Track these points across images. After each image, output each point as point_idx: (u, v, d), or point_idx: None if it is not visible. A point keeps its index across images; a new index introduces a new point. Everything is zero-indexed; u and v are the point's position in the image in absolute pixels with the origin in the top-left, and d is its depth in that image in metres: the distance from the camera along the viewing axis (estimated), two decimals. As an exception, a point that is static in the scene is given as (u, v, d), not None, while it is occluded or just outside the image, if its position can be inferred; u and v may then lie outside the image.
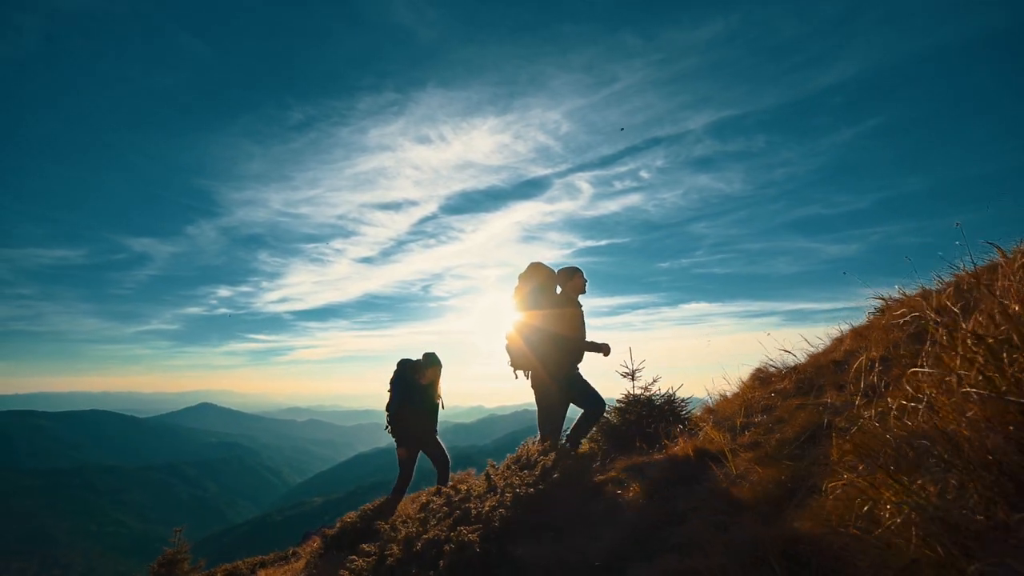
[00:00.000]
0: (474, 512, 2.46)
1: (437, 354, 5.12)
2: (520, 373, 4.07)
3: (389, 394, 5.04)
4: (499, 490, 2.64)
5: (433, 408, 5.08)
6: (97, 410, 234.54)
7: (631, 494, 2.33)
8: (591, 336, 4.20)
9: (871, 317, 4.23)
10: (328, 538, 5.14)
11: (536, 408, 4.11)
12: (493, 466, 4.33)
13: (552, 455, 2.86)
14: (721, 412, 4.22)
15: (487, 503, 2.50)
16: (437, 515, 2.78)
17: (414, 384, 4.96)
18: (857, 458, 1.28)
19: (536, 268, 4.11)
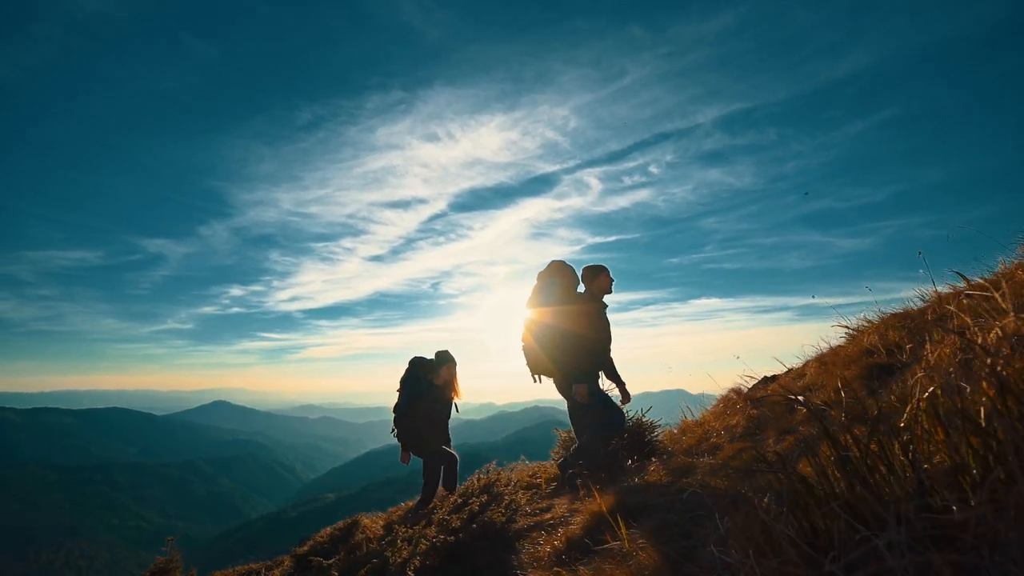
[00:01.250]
0: (391, 560, 2.50)
1: (451, 352, 4.71)
2: (540, 377, 3.75)
3: (398, 393, 4.65)
4: (415, 539, 2.72)
5: (446, 411, 4.69)
6: (116, 408, 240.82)
7: (547, 549, 2.33)
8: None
9: (846, 338, 3.99)
10: (297, 557, 5.05)
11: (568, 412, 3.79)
12: (445, 496, 4.40)
13: (484, 497, 2.96)
14: (689, 437, 4.10)
15: (404, 551, 2.54)
16: (361, 561, 2.91)
17: (426, 384, 4.59)
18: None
19: (557, 267, 3.72)
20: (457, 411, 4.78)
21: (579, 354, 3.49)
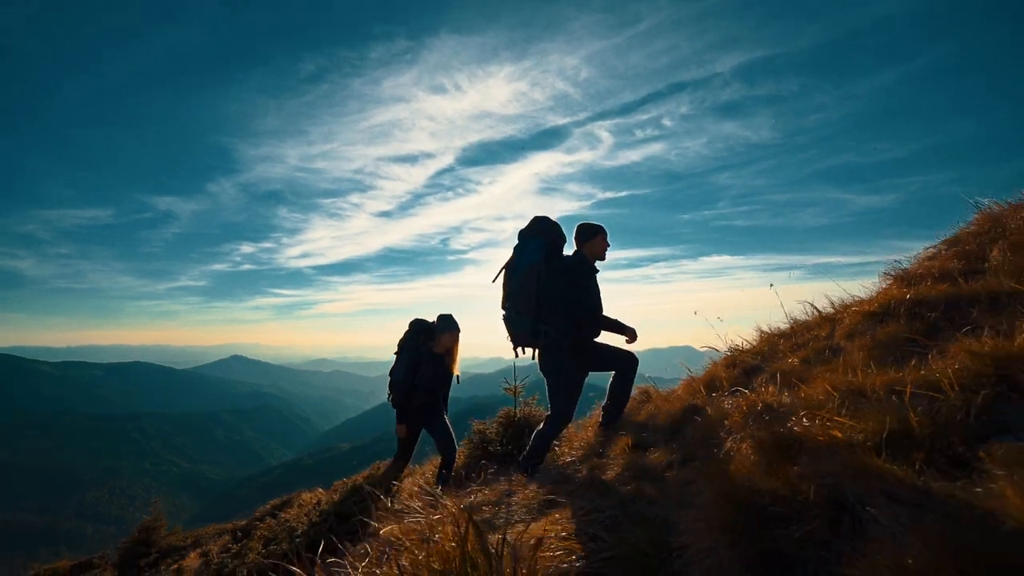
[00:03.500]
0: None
1: (455, 317, 4.33)
2: (523, 350, 3.32)
3: (395, 357, 4.35)
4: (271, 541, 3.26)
5: (445, 380, 4.33)
6: (139, 362, 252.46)
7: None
8: (609, 303, 3.41)
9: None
10: (235, 530, 5.69)
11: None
12: (322, 493, 4.98)
13: (309, 518, 3.57)
14: (565, 446, 3.62)
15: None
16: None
17: (426, 352, 4.25)
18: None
19: (542, 225, 3.27)
20: (458, 382, 4.44)
21: (566, 325, 3.11)
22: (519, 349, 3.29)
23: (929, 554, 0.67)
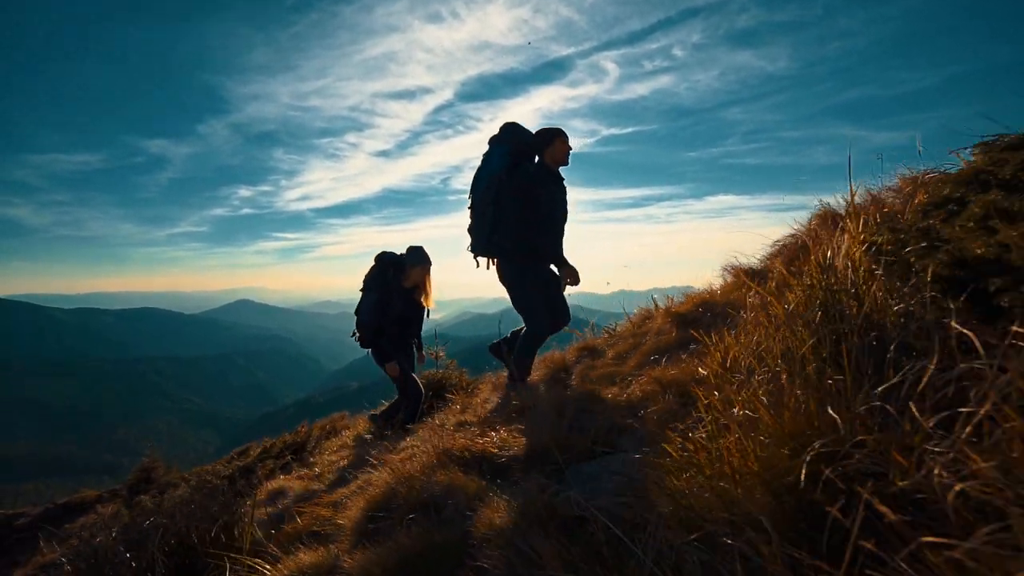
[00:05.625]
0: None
1: (425, 249, 4.16)
2: (483, 261, 3.24)
3: (361, 294, 4.18)
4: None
5: (417, 315, 4.18)
6: (148, 308, 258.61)
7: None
8: (581, 226, 4.06)
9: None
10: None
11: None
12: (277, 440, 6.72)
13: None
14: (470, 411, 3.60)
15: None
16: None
17: (395, 286, 4.05)
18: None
19: (506, 131, 3.22)
20: (428, 316, 4.28)
21: (521, 233, 3.01)
22: (478, 260, 3.26)
23: (388, 550, 1.15)
